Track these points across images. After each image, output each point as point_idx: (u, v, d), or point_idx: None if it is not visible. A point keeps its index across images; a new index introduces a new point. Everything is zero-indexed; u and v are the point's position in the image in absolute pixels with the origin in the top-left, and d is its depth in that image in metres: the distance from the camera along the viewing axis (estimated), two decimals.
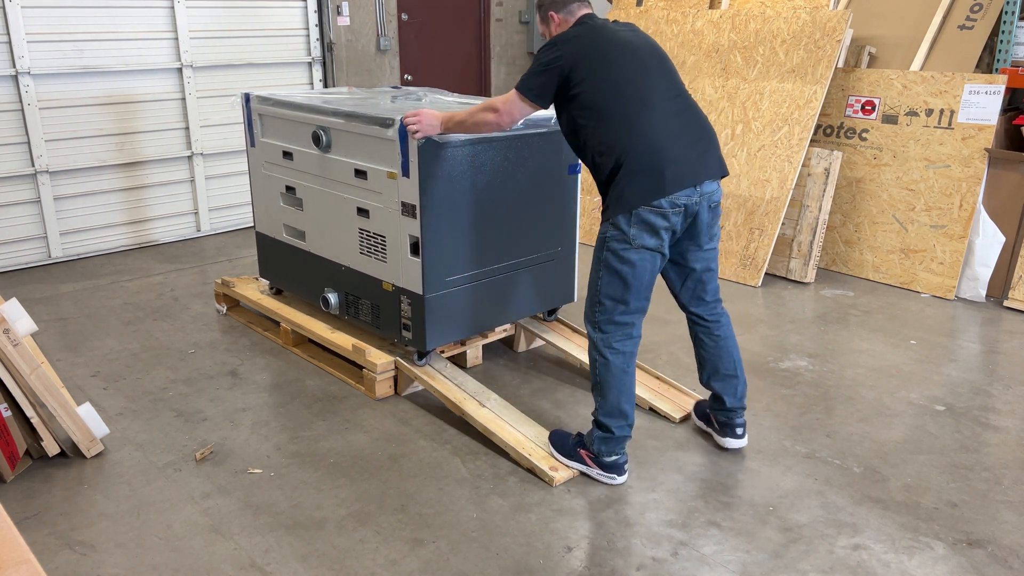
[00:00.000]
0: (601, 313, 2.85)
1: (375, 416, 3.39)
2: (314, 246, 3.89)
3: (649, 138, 2.70)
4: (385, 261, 3.48)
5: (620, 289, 2.80)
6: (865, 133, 5.19)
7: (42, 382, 2.88)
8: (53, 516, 2.72)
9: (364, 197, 3.51)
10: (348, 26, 6.42)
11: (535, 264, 3.72)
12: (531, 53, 7.79)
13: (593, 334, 2.89)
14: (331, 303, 3.79)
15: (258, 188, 4.20)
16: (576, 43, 2.76)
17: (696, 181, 2.75)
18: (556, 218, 3.74)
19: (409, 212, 3.27)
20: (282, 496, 2.84)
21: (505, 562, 2.52)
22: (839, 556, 2.57)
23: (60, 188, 5.26)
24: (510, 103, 2.82)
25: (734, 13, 5.66)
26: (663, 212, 2.71)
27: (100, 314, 4.46)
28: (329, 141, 3.60)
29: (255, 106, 4.03)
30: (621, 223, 2.73)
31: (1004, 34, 4.88)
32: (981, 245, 4.75)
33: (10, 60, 4.92)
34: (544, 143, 3.55)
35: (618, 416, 2.87)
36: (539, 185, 3.60)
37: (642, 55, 2.81)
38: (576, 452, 2.97)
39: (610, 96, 2.71)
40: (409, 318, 3.43)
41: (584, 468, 2.95)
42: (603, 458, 2.91)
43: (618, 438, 2.89)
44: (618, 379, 2.85)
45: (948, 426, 3.38)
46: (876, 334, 4.33)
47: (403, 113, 3.21)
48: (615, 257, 2.77)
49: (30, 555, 1.34)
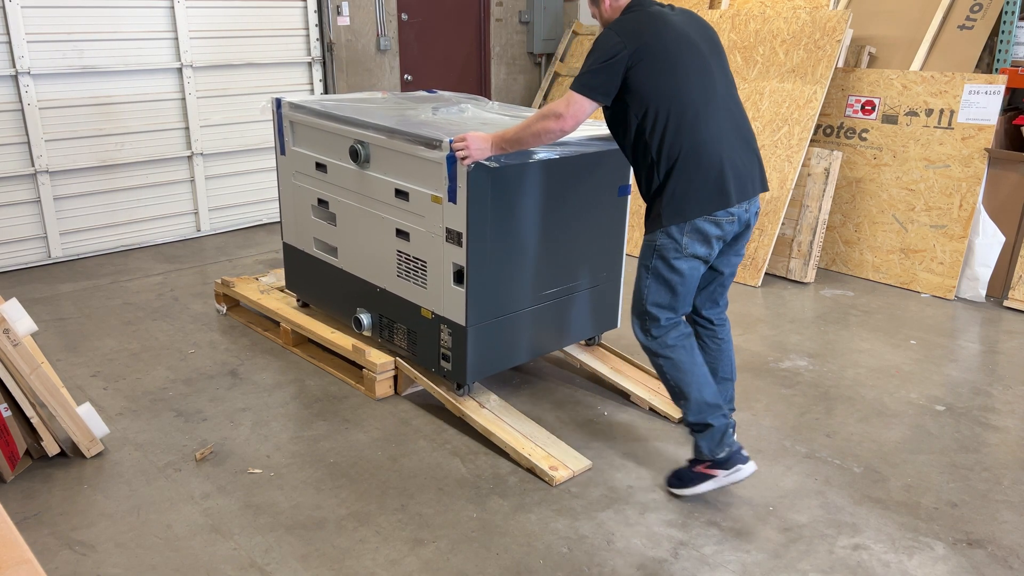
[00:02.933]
0: (650, 320, 2.75)
1: (375, 416, 3.39)
2: (347, 264, 3.70)
3: (710, 144, 2.58)
4: (425, 287, 3.29)
5: (667, 297, 2.72)
6: (865, 133, 5.19)
7: (42, 382, 2.88)
8: (53, 516, 2.72)
9: (404, 219, 3.31)
10: (348, 26, 6.42)
11: (580, 291, 3.52)
12: (531, 53, 7.79)
13: (645, 341, 2.79)
14: (364, 324, 3.61)
15: (287, 198, 4.00)
16: (638, 35, 2.57)
17: (753, 193, 2.68)
18: (603, 242, 3.53)
19: (454, 240, 3.08)
20: (282, 496, 2.84)
21: (505, 562, 2.52)
22: (839, 556, 2.57)
23: (60, 188, 5.26)
24: (574, 105, 2.61)
25: (734, 13, 5.66)
26: (718, 222, 2.62)
27: (100, 314, 4.45)
28: (368, 156, 3.41)
29: (287, 113, 3.83)
30: (674, 232, 2.62)
31: (1004, 34, 4.88)
32: (981, 245, 4.75)
33: (10, 60, 4.92)
34: (596, 163, 3.34)
35: (708, 409, 2.75)
36: (588, 208, 3.40)
37: (703, 50, 2.66)
38: (696, 473, 2.80)
39: (672, 94, 2.57)
40: (449, 348, 3.24)
41: (711, 484, 2.78)
42: (718, 456, 2.76)
43: (720, 428, 2.76)
44: (690, 372, 2.75)
45: (948, 426, 3.38)
46: (876, 334, 4.33)
47: (448, 127, 3.06)
48: (665, 265, 2.67)
49: (30, 555, 1.34)
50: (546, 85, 7.62)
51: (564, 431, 3.28)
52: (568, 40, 7.59)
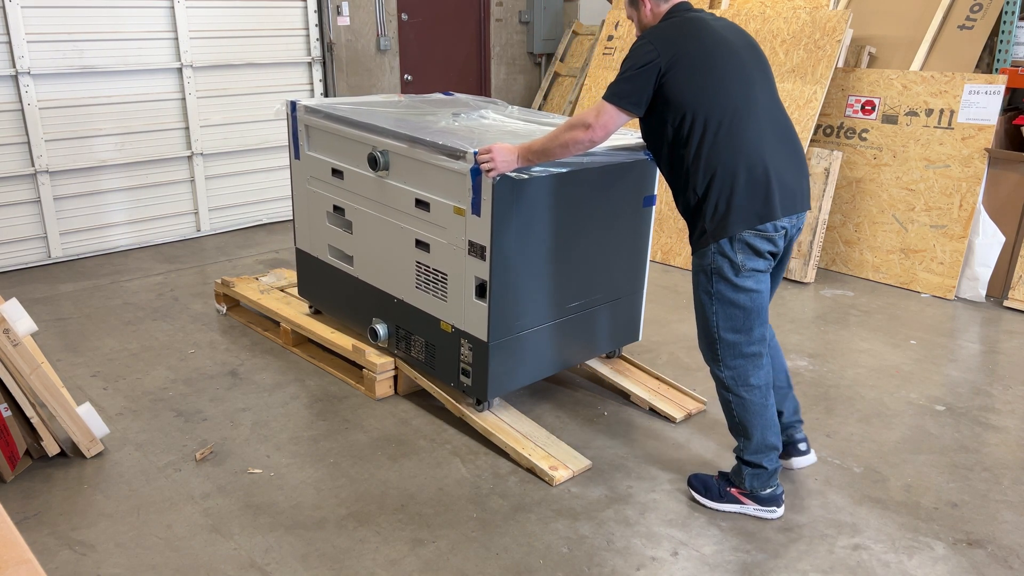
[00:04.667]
0: (725, 349, 2.59)
1: (375, 416, 3.39)
2: (363, 273, 3.61)
3: (753, 154, 2.46)
4: (445, 300, 3.19)
5: (740, 319, 2.55)
6: (865, 133, 5.19)
7: (42, 382, 2.88)
8: (53, 516, 2.72)
9: (424, 229, 3.21)
10: (348, 26, 6.42)
11: (603, 304, 3.43)
12: (531, 53, 7.80)
13: (721, 373, 2.63)
14: (380, 335, 3.52)
15: (301, 203, 3.90)
16: (673, 41, 2.47)
17: (799, 209, 2.55)
18: (628, 254, 3.43)
19: (477, 253, 2.98)
20: (282, 496, 2.84)
21: (505, 562, 2.52)
22: (839, 556, 2.57)
23: (60, 188, 5.26)
24: (604, 115, 2.50)
25: (734, 13, 5.66)
26: (769, 236, 2.49)
27: (100, 314, 4.45)
28: (387, 164, 3.30)
29: (302, 116, 3.71)
30: (726, 249, 2.48)
31: (1004, 34, 4.88)
32: (981, 245, 4.75)
33: (10, 60, 4.92)
34: (622, 173, 3.24)
35: (767, 451, 2.66)
36: (614, 219, 3.31)
37: (743, 56, 2.54)
38: (726, 493, 2.74)
39: (711, 104, 2.45)
40: (470, 364, 3.16)
41: (738, 508, 2.73)
42: (759, 493, 2.70)
43: (772, 471, 2.69)
44: (759, 415, 2.62)
45: (948, 426, 3.38)
46: (876, 334, 4.33)
47: (470, 135, 3.00)
48: (728, 286, 2.52)
49: (30, 555, 1.33)
50: (546, 85, 7.62)
51: (564, 431, 3.28)
52: (568, 40, 7.59)
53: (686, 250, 5.38)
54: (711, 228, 2.49)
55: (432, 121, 3.41)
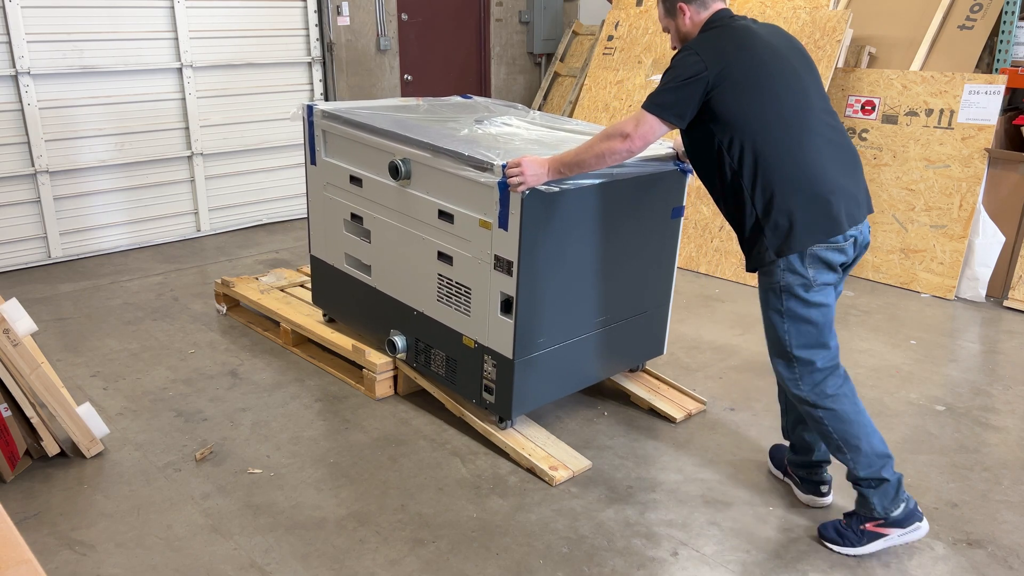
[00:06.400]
0: (802, 367, 2.48)
1: (375, 416, 3.39)
2: (381, 283, 3.51)
3: (812, 167, 2.35)
4: (468, 315, 3.10)
5: (814, 335, 2.45)
6: (865, 133, 5.19)
7: (42, 382, 2.88)
8: (53, 516, 2.72)
9: (448, 242, 3.10)
10: (348, 26, 6.42)
11: (629, 318, 3.35)
12: (531, 53, 7.80)
13: (802, 392, 2.50)
14: (398, 347, 3.43)
15: (316, 210, 3.79)
16: (722, 53, 2.37)
17: (862, 218, 2.45)
18: (655, 267, 3.34)
19: (503, 268, 2.88)
20: (282, 496, 2.84)
21: (505, 562, 2.52)
22: (839, 556, 2.57)
23: (60, 188, 5.26)
24: (643, 125, 2.40)
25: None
26: (840, 247, 2.39)
27: (100, 314, 4.46)
28: (408, 173, 3.19)
29: (319, 121, 3.60)
30: (796, 265, 2.38)
31: (1004, 34, 4.88)
32: (981, 245, 4.75)
33: (10, 60, 4.92)
34: (650, 185, 3.14)
35: (879, 460, 2.49)
36: (643, 232, 3.22)
37: (794, 64, 2.43)
38: (865, 531, 2.54)
39: (763, 116, 2.35)
40: (493, 381, 3.06)
41: (883, 543, 2.54)
42: (892, 515, 2.51)
43: (894, 482, 2.51)
44: (855, 423, 2.48)
45: (948, 426, 3.38)
46: (876, 334, 4.33)
47: (495, 144, 2.95)
48: (800, 303, 2.42)
49: (30, 555, 1.34)
50: (546, 85, 7.62)
51: (564, 431, 3.28)
52: (568, 40, 7.59)
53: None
54: (776, 245, 2.40)
55: (455, 128, 3.32)
